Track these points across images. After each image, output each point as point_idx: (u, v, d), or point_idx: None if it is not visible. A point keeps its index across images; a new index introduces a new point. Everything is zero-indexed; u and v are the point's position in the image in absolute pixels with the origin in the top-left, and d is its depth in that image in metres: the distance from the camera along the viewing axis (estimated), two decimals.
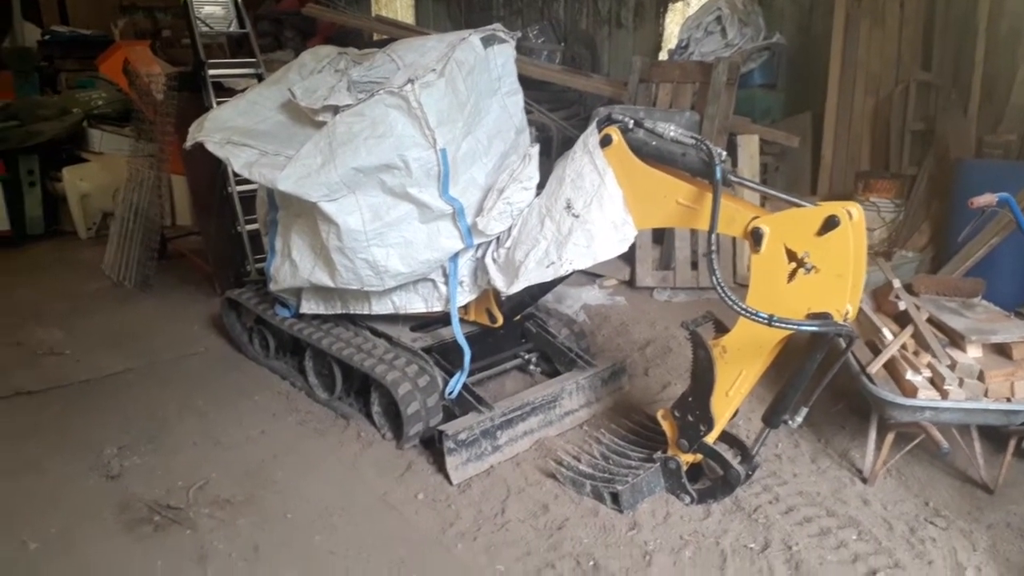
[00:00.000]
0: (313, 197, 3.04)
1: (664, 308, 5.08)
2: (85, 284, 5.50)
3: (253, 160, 3.21)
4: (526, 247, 3.08)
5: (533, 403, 3.36)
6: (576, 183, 2.94)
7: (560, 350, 3.79)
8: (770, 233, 2.54)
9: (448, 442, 3.03)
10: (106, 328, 4.69)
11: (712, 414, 2.80)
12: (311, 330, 3.73)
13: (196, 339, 4.52)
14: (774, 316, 2.38)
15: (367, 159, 2.99)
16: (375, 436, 3.41)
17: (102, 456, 3.23)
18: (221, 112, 3.48)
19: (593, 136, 2.92)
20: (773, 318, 2.38)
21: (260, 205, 3.89)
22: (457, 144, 3.13)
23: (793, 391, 2.66)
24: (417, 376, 3.31)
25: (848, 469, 3.22)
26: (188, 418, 3.59)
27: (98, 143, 6.96)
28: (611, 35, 8.24)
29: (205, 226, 5.21)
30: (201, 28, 5.13)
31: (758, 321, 2.41)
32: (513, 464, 3.21)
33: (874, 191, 5.27)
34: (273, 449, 3.33)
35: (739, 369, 2.73)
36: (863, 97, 5.95)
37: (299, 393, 3.82)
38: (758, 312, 2.41)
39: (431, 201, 3.13)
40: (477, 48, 3.23)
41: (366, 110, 3.00)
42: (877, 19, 5.82)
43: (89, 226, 6.71)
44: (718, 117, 5.44)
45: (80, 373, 4.07)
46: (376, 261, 3.21)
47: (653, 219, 2.92)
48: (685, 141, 2.74)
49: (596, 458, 3.18)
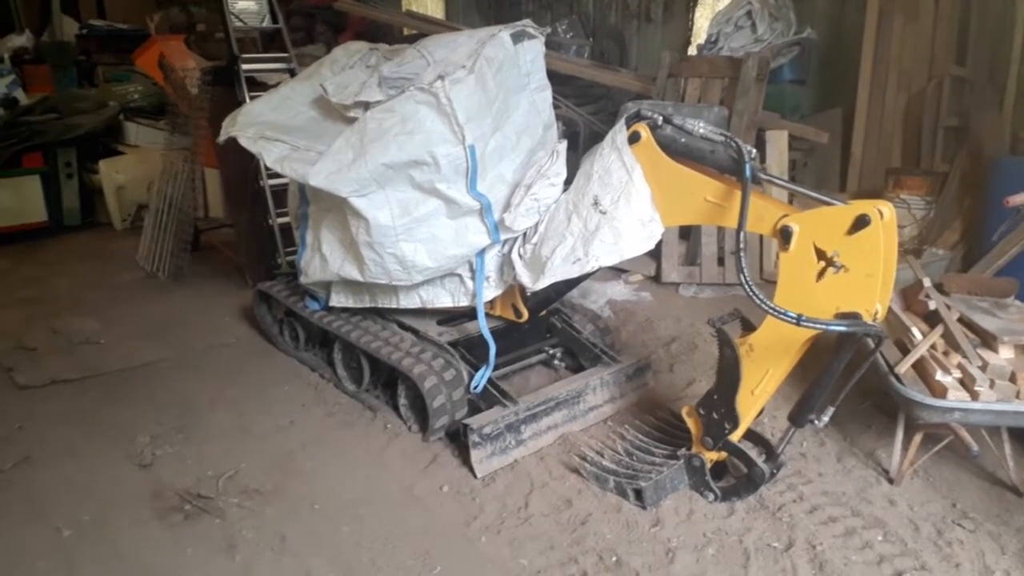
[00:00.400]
0: (344, 192, 3.07)
1: (690, 304, 5.07)
2: (120, 275, 5.61)
3: (285, 155, 3.26)
4: (553, 243, 3.09)
5: (557, 398, 3.37)
6: (604, 179, 2.95)
7: (585, 346, 3.81)
8: (799, 232, 2.52)
9: (473, 436, 3.06)
10: (140, 318, 4.79)
11: (737, 412, 2.79)
12: (340, 323, 3.78)
13: (227, 330, 4.60)
14: (802, 316, 2.38)
15: (397, 155, 3.02)
16: (401, 428, 3.45)
17: (135, 445, 3.30)
18: (254, 107, 3.54)
19: (621, 132, 2.92)
20: (802, 318, 2.37)
21: (291, 199, 3.95)
22: (485, 140, 3.15)
23: (820, 391, 2.65)
24: (443, 370, 3.34)
25: (874, 469, 3.19)
26: (219, 407, 3.66)
27: (134, 136, 7.07)
28: (640, 30, 8.20)
29: (237, 219, 5.28)
30: (235, 23, 5.19)
31: (786, 321, 2.40)
32: (537, 458, 3.23)
33: (905, 188, 5.20)
34: (302, 439, 3.38)
35: (766, 368, 2.72)
36: (895, 93, 5.87)
37: (328, 384, 3.87)
38: (786, 311, 2.40)
39: (459, 197, 3.15)
40: (507, 44, 3.25)
41: (396, 106, 3.03)
42: (911, 14, 5.74)
43: (124, 218, 6.83)
44: (747, 113, 5.40)
45: (115, 362, 4.16)
46: (404, 256, 3.24)
47: (681, 216, 2.92)
48: (714, 138, 2.73)
49: (620, 454, 3.19)
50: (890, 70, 5.84)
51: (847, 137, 6.12)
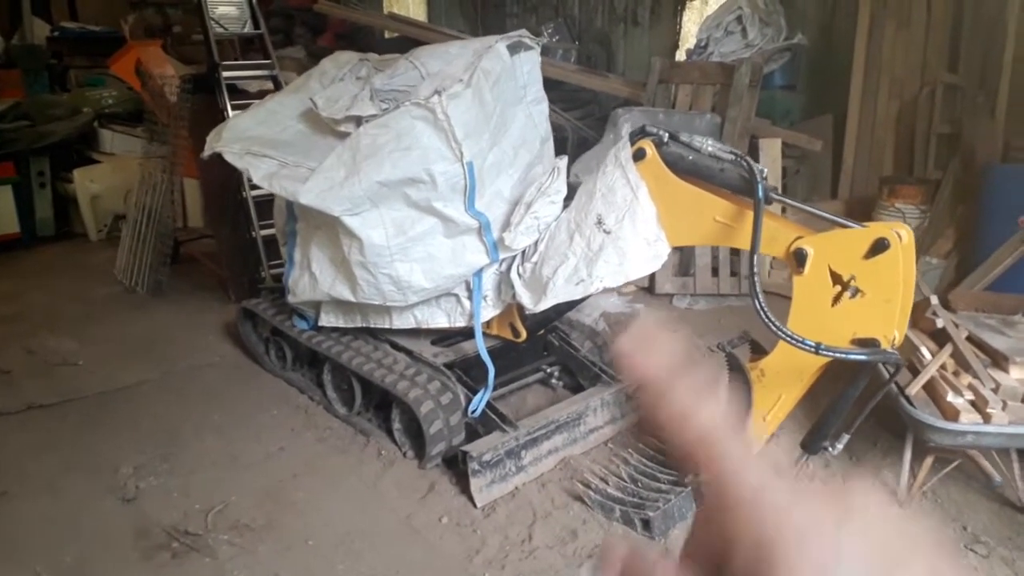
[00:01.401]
0: (336, 211, 2.95)
1: (684, 316, 4.98)
2: (97, 289, 5.41)
3: (273, 171, 3.12)
4: (554, 263, 2.98)
5: (558, 421, 3.27)
6: (607, 198, 2.85)
7: (583, 364, 3.70)
8: (814, 254, 2.44)
9: (472, 463, 2.95)
10: (119, 336, 4.61)
11: (748, 439, 2.70)
12: (330, 343, 3.65)
13: (211, 348, 4.44)
14: (821, 344, 2.29)
15: (392, 172, 2.90)
16: (396, 454, 3.32)
17: (118, 476, 3.15)
18: (239, 121, 3.39)
19: (625, 149, 2.81)
20: (820, 346, 2.29)
21: (278, 215, 3.80)
22: (483, 156, 3.03)
23: (834, 417, 2.57)
24: (439, 393, 3.22)
25: (882, 491, 3.12)
26: (205, 434, 3.51)
27: (109, 144, 6.86)
28: (627, 34, 8.12)
29: (219, 231, 5.12)
30: (215, 29, 5.04)
31: (805, 349, 2.31)
32: (538, 485, 3.12)
33: (900, 197, 5.15)
34: (292, 468, 3.25)
35: (778, 393, 2.63)
36: (887, 100, 5.83)
37: (317, 407, 3.74)
38: (804, 339, 2.31)
39: (456, 215, 3.04)
40: (503, 56, 3.14)
41: (391, 122, 2.91)
42: (903, 20, 5.70)
43: (100, 228, 6.61)
44: (740, 120, 5.34)
45: (94, 385, 3.99)
46: (399, 276, 3.12)
47: (689, 237, 2.83)
48: (723, 156, 2.64)
49: (624, 480, 3.10)
50: (882, 77, 5.79)
51: (838, 144, 6.07)
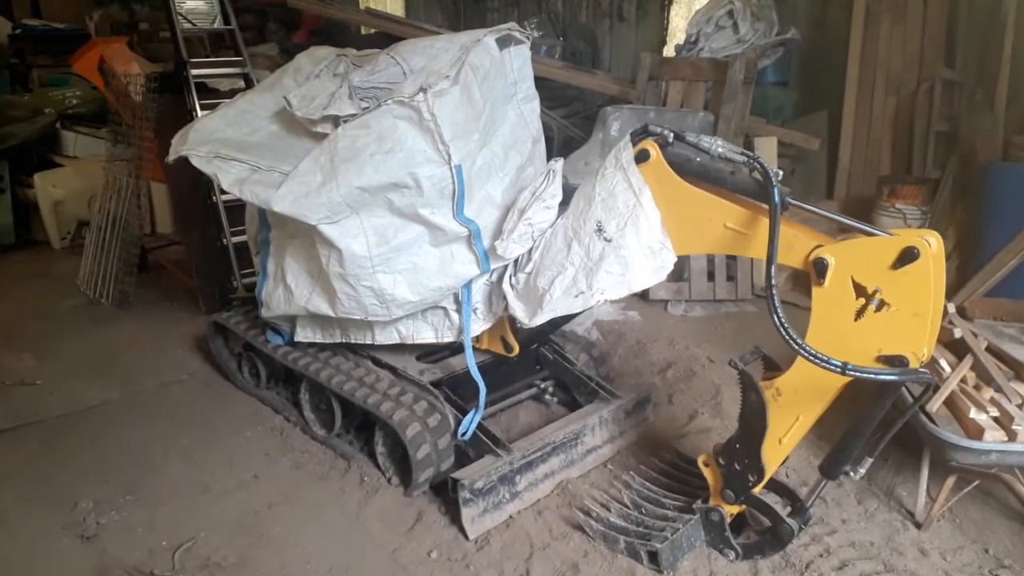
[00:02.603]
0: (312, 219, 2.70)
1: (681, 323, 4.78)
2: (59, 301, 5.10)
3: (244, 176, 2.87)
4: (551, 273, 2.76)
5: (554, 442, 3.04)
6: (608, 203, 2.62)
7: (579, 379, 3.48)
8: (836, 264, 2.23)
9: (463, 492, 2.72)
10: (82, 352, 4.32)
11: (763, 463, 2.50)
12: (307, 360, 3.40)
13: (179, 364, 4.16)
14: (848, 364, 2.08)
15: (373, 177, 2.66)
16: (380, 480, 3.08)
17: (76, 511, 2.88)
18: (207, 122, 3.13)
19: (627, 151, 2.59)
20: (848, 366, 2.08)
21: (250, 222, 3.55)
22: (472, 158, 2.80)
23: (856, 440, 2.37)
24: (427, 415, 2.99)
25: (898, 511, 2.95)
26: (173, 460, 3.25)
27: (72, 146, 6.53)
28: (612, 29, 7.90)
29: (188, 238, 4.85)
30: (183, 25, 4.76)
31: (830, 369, 2.10)
32: (534, 513, 2.90)
33: (900, 197, 4.99)
34: (268, 497, 3.00)
35: (795, 414, 2.42)
36: (883, 97, 5.67)
37: (294, 429, 3.48)
38: (830, 359, 2.10)
39: (444, 223, 2.80)
40: (492, 51, 2.91)
41: (372, 122, 2.67)
42: (899, 15, 5.54)
43: (63, 235, 6.29)
44: (734, 118, 5.14)
45: (54, 407, 3.70)
46: (382, 289, 2.88)
47: (696, 245, 2.61)
48: (734, 158, 2.42)
49: (627, 506, 2.88)
50: (878, 73, 5.63)
51: (833, 142, 5.91)
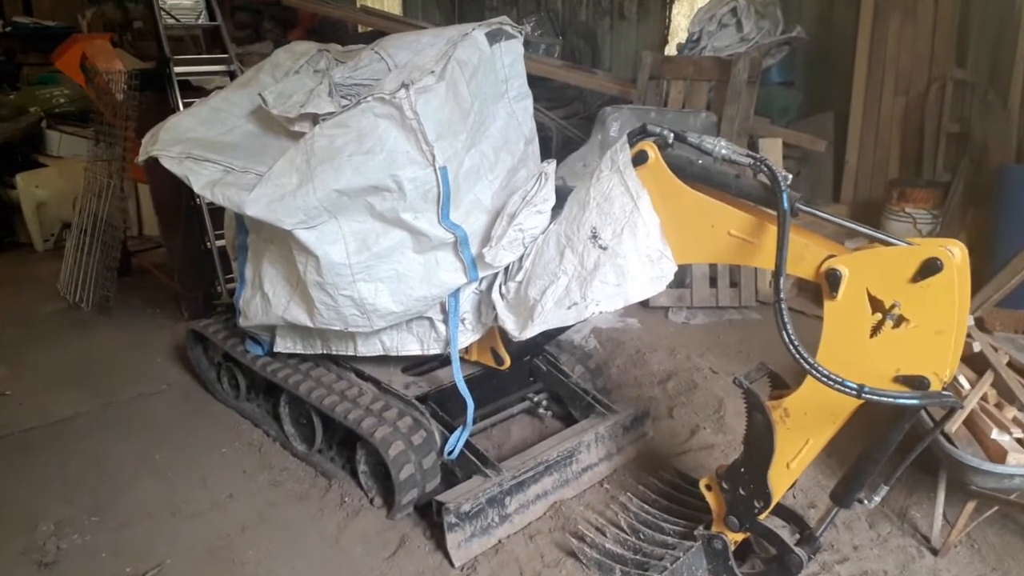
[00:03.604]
0: (287, 224, 2.53)
1: (682, 331, 4.60)
2: (38, 306, 4.93)
3: (217, 178, 2.70)
4: (542, 283, 2.58)
5: (547, 461, 2.86)
6: (603, 208, 2.44)
7: (575, 392, 3.30)
8: (850, 276, 2.04)
9: (449, 516, 2.54)
10: (57, 361, 4.15)
11: (770, 488, 2.32)
12: (287, 371, 3.22)
13: (158, 374, 3.99)
14: (865, 387, 1.90)
15: (352, 179, 2.48)
16: (361, 501, 2.91)
17: (36, 535, 2.70)
18: (180, 121, 2.95)
19: (624, 152, 2.41)
20: (864, 389, 1.90)
21: (228, 226, 3.37)
22: (459, 160, 2.62)
23: (871, 466, 2.19)
24: (411, 432, 2.81)
25: (913, 536, 2.77)
26: (144, 478, 3.07)
27: (56, 146, 6.37)
28: (613, 28, 7.72)
29: (171, 242, 4.67)
30: (167, 21, 4.60)
31: (845, 392, 1.92)
32: (525, 538, 2.72)
33: (910, 201, 4.81)
34: (242, 519, 2.82)
35: (805, 437, 2.24)
36: (892, 97, 5.49)
37: (273, 444, 3.30)
38: (845, 381, 1.92)
39: (428, 228, 2.62)
40: (482, 45, 2.73)
41: (351, 120, 2.49)
42: (908, 12, 5.35)
43: (46, 238, 6.11)
44: (738, 119, 4.96)
45: (23, 419, 3.53)
46: (363, 299, 2.70)
47: (698, 253, 2.43)
48: (739, 160, 2.24)
49: (624, 531, 2.70)
50: (886, 72, 5.45)
51: (840, 144, 5.72)
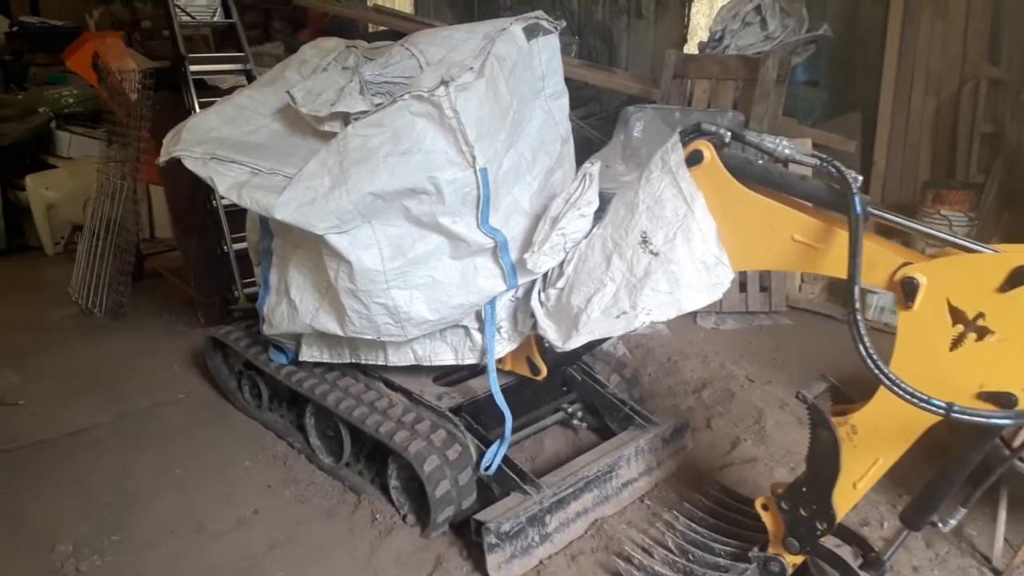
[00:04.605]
0: (319, 228, 2.40)
1: (712, 337, 4.46)
2: (49, 311, 4.80)
3: (243, 180, 2.57)
4: (587, 290, 2.45)
5: (588, 476, 2.73)
6: (654, 211, 2.31)
7: (611, 402, 3.16)
8: (928, 285, 1.90)
9: (489, 536, 2.41)
10: (70, 369, 4.02)
11: (834, 509, 2.18)
12: (313, 381, 3.09)
13: (175, 382, 3.85)
14: (955, 405, 1.76)
15: (388, 182, 2.35)
16: (393, 519, 2.77)
17: (54, 555, 2.57)
18: (203, 120, 2.82)
19: (676, 152, 2.27)
20: (953, 407, 1.76)
21: (251, 230, 3.25)
22: (498, 161, 2.49)
23: (948, 486, 2.06)
24: (445, 446, 2.68)
25: (972, 555, 2.63)
26: (164, 493, 2.94)
27: (67, 147, 6.23)
28: (630, 27, 7.58)
29: (186, 245, 4.55)
30: (181, 18, 4.47)
31: (932, 411, 1.78)
32: (567, 559, 2.58)
33: (946, 203, 4.68)
34: (269, 537, 2.69)
35: (874, 456, 2.10)
36: (922, 97, 5.35)
37: (298, 457, 3.17)
38: (931, 399, 1.79)
39: (467, 233, 2.49)
40: (520, 41, 2.59)
41: (386, 119, 2.36)
42: (939, 9, 5.22)
43: (56, 241, 5.98)
44: (767, 119, 4.83)
45: (36, 431, 3.40)
46: (397, 306, 2.57)
47: (757, 259, 2.30)
48: (804, 160, 2.12)
49: (672, 552, 2.56)
50: (916, 71, 5.31)
51: (867, 145, 5.58)
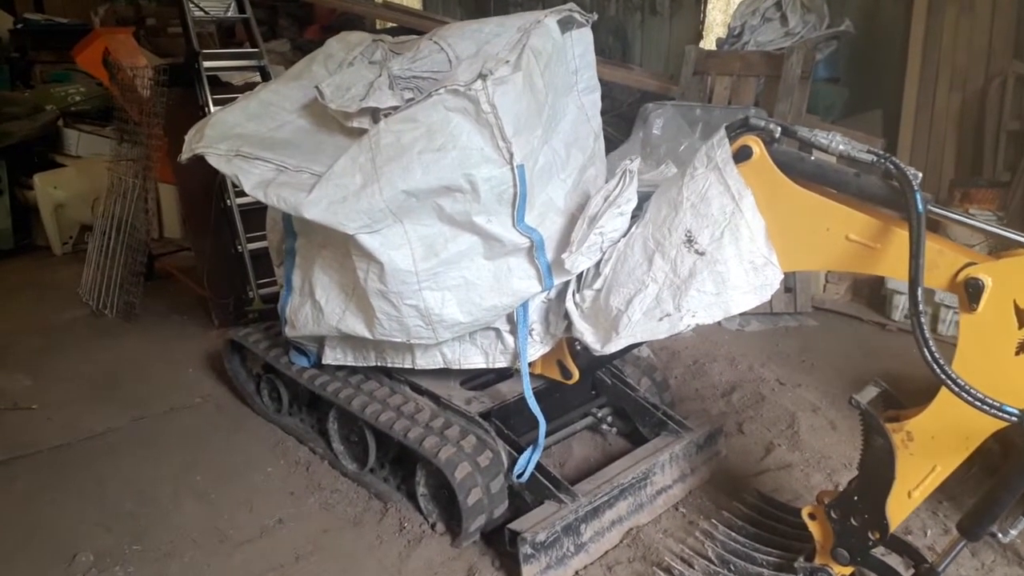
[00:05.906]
0: (350, 228, 2.31)
1: (737, 339, 4.37)
2: (59, 312, 4.72)
3: (269, 178, 2.48)
4: (627, 291, 2.36)
5: (622, 484, 2.65)
6: (699, 209, 2.22)
7: (643, 407, 3.08)
8: (993, 286, 1.83)
9: (524, 547, 2.33)
10: (83, 372, 3.93)
11: (887, 518, 2.10)
12: (336, 385, 3.00)
13: (191, 385, 3.77)
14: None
15: (422, 179, 2.26)
16: (422, 527, 2.69)
17: (75, 565, 2.49)
18: (226, 116, 2.73)
19: (722, 148, 2.19)
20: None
21: (272, 229, 3.16)
22: (535, 158, 2.41)
23: (1009, 495, 1.96)
24: (476, 452, 2.59)
25: (1019, 565, 2.55)
26: (185, 500, 2.86)
27: (75, 145, 6.15)
28: (644, 23, 7.48)
29: (199, 245, 4.47)
30: (195, 13, 4.39)
31: (1003, 419, 1.70)
32: (603, 569, 2.50)
33: (975, 202, 4.59)
34: (294, 546, 2.61)
35: (931, 463, 2.02)
36: (947, 93, 5.25)
37: (321, 463, 3.09)
38: (1003, 406, 1.70)
39: (502, 232, 2.40)
40: (554, 33, 2.52)
41: (420, 115, 2.27)
42: (965, 5, 5.12)
43: (65, 240, 5.91)
44: (790, 116, 4.74)
45: (51, 436, 3.32)
46: (428, 308, 2.48)
47: (808, 259, 2.21)
48: (860, 156, 2.02)
49: (712, 562, 2.48)
50: (941, 67, 5.22)
51: (890, 143, 5.48)
